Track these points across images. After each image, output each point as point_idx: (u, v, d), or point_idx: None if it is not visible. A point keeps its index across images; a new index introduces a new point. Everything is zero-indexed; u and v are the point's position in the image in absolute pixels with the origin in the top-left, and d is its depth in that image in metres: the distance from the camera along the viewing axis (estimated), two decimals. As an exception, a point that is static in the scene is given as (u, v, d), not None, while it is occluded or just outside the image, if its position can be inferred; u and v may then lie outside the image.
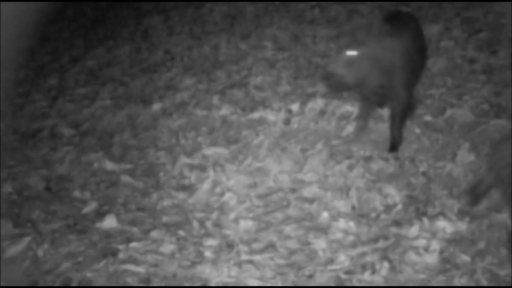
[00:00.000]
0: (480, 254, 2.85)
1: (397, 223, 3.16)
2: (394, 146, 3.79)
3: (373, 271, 2.79)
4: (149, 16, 7.32)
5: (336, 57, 3.50)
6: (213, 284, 2.80)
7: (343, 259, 2.91)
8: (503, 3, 5.43)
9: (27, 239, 3.18)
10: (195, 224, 3.35)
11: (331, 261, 2.92)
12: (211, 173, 3.77)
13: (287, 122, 4.22)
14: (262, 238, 3.18)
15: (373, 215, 3.28)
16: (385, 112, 4.10)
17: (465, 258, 2.84)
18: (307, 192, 3.51)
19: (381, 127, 3.99)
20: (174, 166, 4.02)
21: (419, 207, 3.28)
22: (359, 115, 4.02)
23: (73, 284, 2.86)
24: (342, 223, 3.20)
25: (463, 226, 3.06)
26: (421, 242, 2.96)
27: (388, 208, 3.31)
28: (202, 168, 3.91)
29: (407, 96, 3.76)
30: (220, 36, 6.14)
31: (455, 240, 2.97)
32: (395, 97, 3.72)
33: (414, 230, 3.06)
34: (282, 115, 4.29)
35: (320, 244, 3.05)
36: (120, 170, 4.10)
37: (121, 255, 3.04)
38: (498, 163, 3.02)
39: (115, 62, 6.25)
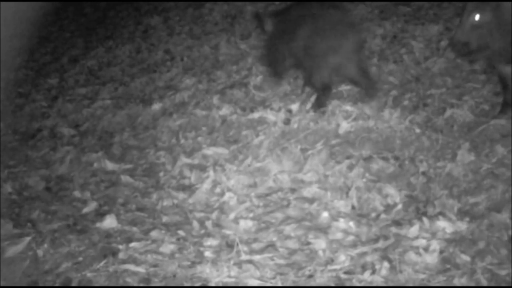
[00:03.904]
0: (480, 254, 2.84)
1: (397, 223, 3.16)
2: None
3: (373, 271, 2.79)
4: (149, 16, 7.32)
5: (462, 23, 3.60)
6: (213, 284, 2.80)
7: (343, 259, 2.90)
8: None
9: (27, 239, 3.18)
10: (195, 224, 3.35)
11: (331, 261, 2.92)
12: (211, 173, 3.77)
13: (287, 122, 4.21)
14: (262, 238, 3.17)
15: (373, 215, 3.28)
16: (385, 112, 4.11)
17: (465, 258, 2.83)
18: (307, 192, 3.51)
19: (381, 126, 3.99)
20: (174, 166, 4.02)
21: (419, 207, 3.28)
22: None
23: (73, 284, 2.86)
24: (342, 223, 3.20)
25: (463, 226, 3.05)
26: (421, 242, 2.96)
27: (388, 208, 3.31)
28: (202, 168, 3.91)
29: None
30: (220, 36, 6.14)
31: (455, 240, 2.97)
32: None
33: (414, 230, 3.06)
34: (282, 115, 4.29)
35: (320, 244, 3.05)
36: (120, 170, 4.11)
37: (121, 255, 3.04)
38: None
39: (115, 62, 6.26)
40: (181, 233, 3.26)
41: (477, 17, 3.56)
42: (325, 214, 3.28)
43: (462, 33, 3.61)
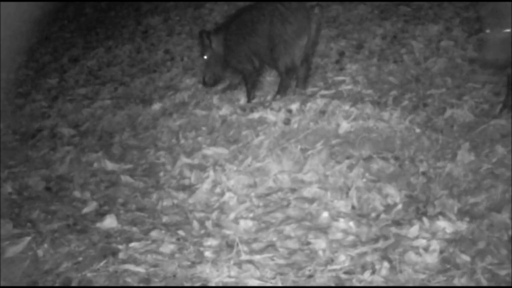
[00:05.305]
0: (480, 254, 2.84)
1: (397, 223, 3.16)
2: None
3: (373, 271, 2.79)
4: (149, 16, 7.32)
5: (486, 42, 3.47)
6: (213, 284, 2.80)
7: (343, 259, 2.91)
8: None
9: (27, 239, 3.18)
10: (195, 224, 3.35)
11: (331, 261, 2.92)
12: (211, 173, 3.77)
13: (287, 122, 4.21)
14: (262, 238, 3.18)
15: (373, 215, 3.28)
16: (385, 113, 4.10)
17: (465, 258, 2.83)
18: (307, 192, 3.51)
19: (381, 126, 3.99)
20: (174, 166, 4.02)
21: (419, 207, 3.28)
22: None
23: (73, 284, 2.86)
24: (342, 223, 3.20)
25: (463, 226, 3.05)
26: (421, 242, 2.96)
27: (388, 208, 3.31)
28: (202, 168, 3.91)
29: None
30: (220, 36, 6.13)
31: (455, 240, 2.97)
32: None
33: (414, 230, 3.06)
34: (282, 115, 4.29)
35: (320, 244, 3.05)
36: (120, 170, 4.11)
37: (121, 255, 3.04)
38: None
39: (115, 62, 6.25)
40: (181, 233, 3.26)
41: (504, 32, 3.41)
42: (325, 214, 3.28)
43: (488, 51, 3.48)
